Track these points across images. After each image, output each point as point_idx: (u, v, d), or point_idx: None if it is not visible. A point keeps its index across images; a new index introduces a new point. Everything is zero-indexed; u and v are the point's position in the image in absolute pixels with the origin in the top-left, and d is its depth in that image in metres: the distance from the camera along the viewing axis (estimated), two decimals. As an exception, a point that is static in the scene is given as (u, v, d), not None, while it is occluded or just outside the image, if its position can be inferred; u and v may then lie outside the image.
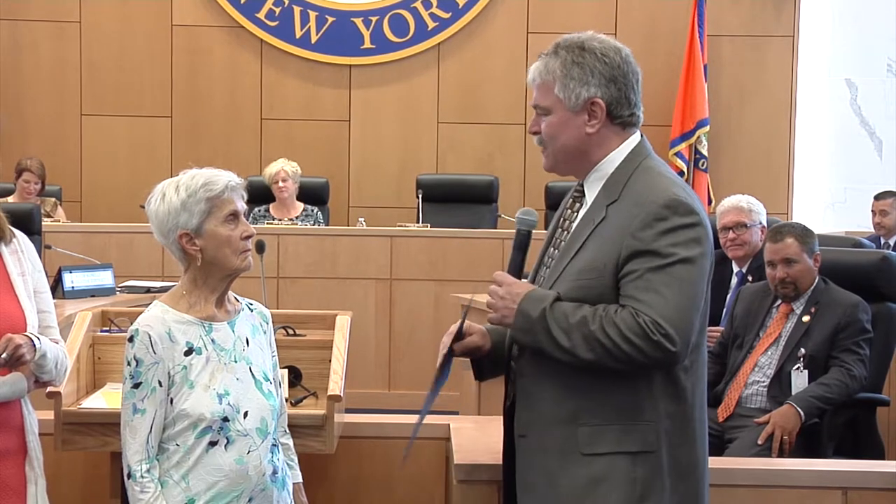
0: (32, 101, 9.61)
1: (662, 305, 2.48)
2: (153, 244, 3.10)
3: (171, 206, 2.86)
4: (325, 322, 4.01)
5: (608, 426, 2.57)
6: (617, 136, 2.69)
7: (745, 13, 9.70)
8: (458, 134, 9.71)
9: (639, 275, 2.51)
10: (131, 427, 2.79)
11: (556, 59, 2.67)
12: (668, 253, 2.51)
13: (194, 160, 3.13)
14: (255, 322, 3.01)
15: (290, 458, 3.08)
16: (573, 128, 2.67)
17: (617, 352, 2.48)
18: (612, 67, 2.65)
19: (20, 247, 3.01)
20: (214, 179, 2.86)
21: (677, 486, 2.61)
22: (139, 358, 2.79)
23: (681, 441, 2.61)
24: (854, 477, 3.40)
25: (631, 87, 2.67)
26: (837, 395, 4.42)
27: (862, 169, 9.70)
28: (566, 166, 2.74)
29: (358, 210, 9.48)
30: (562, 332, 2.53)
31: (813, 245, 4.67)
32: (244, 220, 2.90)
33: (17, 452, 2.93)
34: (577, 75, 2.64)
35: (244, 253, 2.88)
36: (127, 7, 9.64)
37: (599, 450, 2.56)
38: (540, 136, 2.72)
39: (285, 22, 9.63)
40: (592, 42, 2.67)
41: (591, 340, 2.50)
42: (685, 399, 2.62)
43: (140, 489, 2.77)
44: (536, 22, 9.58)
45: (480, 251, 7.87)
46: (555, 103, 2.67)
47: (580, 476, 2.57)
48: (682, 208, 2.55)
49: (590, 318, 2.51)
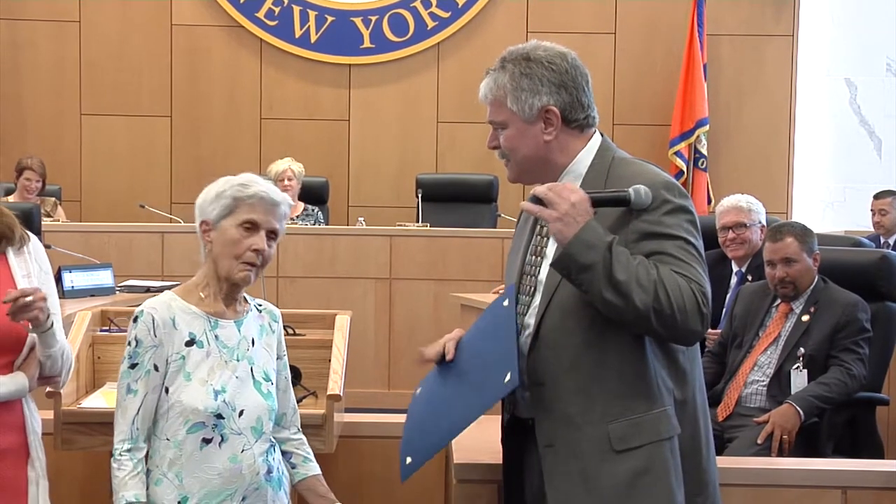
0: (32, 100, 9.61)
1: (702, 281, 2.53)
2: (152, 243, 3.11)
3: (209, 194, 2.90)
4: (325, 321, 4.01)
5: (636, 418, 2.58)
6: (576, 139, 2.72)
7: (745, 13, 9.70)
8: (457, 133, 9.71)
9: (660, 255, 2.53)
10: (122, 407, 2.82)
11: (504, 74, 2.70)
12: (678, 235, 2.56)
13: (193, 160, 3.15)
14: (264, 322, 3.01)
15: (306, 451, 3.09)
16: (530, 137, 2.70)
17: (666, 304, 2.47)
18: (560, 73, 2.68)
19: (29, 248, 3.00)
20: (251, 184, 2.88)
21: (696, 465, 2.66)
22: (139, 338, 2.81)
23: (687, 422, 2.64)
24: (853, 476, 3.41)
25: (581, 89, 2.70)
26: (837, 395, 4.42)
27: (861, 168, 9.71)
28: (530, 175, 2.77)
29: (357, 209, 9.48)
30: (621, 266, 2.47)
31: (812, 244, 4.67)
32: (262, 235, 2.87)
33: (18, 453, 2.92)
34: (528, 86, 2.67)
35: (245, 265, 2.86)
36: (126, 6, 9.64)
37: (633, 443, 2.57)
38: (500, 149, 2.75)
39: (285, 21, 9.63)
40: (537, 51, 2.70)
41: (648, 283, 2.46)
42: (687, 381, 2.66)
43: (117, 466, 2.79)
44: (536, 22, 9.58)
45: (480, 251, 7.87)
46: (509, 117, 2.70)
47: (621, 472, 2.57)
48: (677, 189, 2.61)
49: (649, 266, 2.50)
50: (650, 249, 2.54)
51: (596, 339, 2.59)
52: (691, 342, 2.62)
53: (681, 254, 2.55)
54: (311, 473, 3.05)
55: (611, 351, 2.59)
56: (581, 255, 2.49)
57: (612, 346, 2.59)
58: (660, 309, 2.47)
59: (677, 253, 2.55)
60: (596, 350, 2.59)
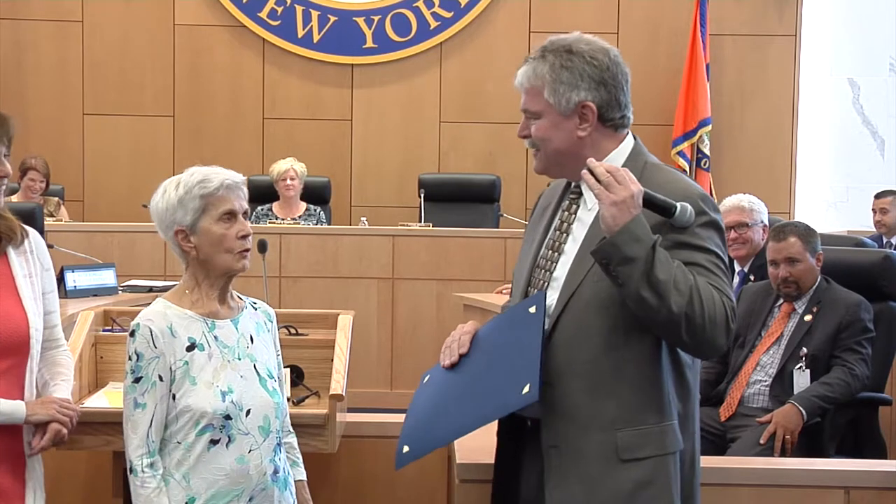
0: (34, 100, 9.61)
1: (731, 296, 2.53)
2: (155, 243, 3.11)
3: (168, 202, 2.87)
4: (327, 321, 4.01)
5: (645, 429, 2.55)
6: (609, 138, 2.67)
7: (748, 12, 9.70)
8: (460, 133, 9.72)
9: (694, 266, 2.51)
10: (132, 422, 2.79)
11: (543, 64, 2.64)
12: (711, 250, 2.56)
13: (196, 159, 3.13)
14: (260, 320, 3.00)
15: (295, 455, 3.07)
16: (564, 131, 2.64)
17: (699, 312, 2.45)
18: (601, 70, 2.63)
19: (30, 246, 2.98)
20: (210, 177, 2.85)
21: (687, 481, 2.64)
22: (140, 352, 2.79)
23: (686, 438, 2.62)
24: (856, 476, 3.41)
25: (621, 88, 2.66)
26: (839, 395, 4.41)
27: (864, 168, 9.71)
28: (558, 169, 2.72)
29: (360, 209, 9.48)
30: (662, 266, 2.44)
31: (815, 244, 4.66)
32: (242, 220, 2.87)
33: (15, 458, 2.88)
34: (567, 79, 2.61)
35: (240, 253, 2.86)
36: (129, 6, 9.65)
37: (640, 454, 2.54)
38: (531, 139, 2.70)
39: (287, 21, 9.63)
40: (580, 44, 2.65)
41: (685, 288, 2.44)
42: (690, 397, 2.64)
43: (141, 483, 2.77)
44: (538, 21, 9.58)
45: (482, 251, 7.87)
46: (545, 108, 2.65)
47: (624, 482, 2.54)
48: (710, 203, 2.61)
49: (687, 272, 2.48)
50: (683, 259, 2.51)
51: (616, 343, 2.55)
52: (712, 354, 2.60)
53: (712, 267, 2.54)
54: (296, 479, 3.03)
55: (629, 357, 2.55)
56: (627, 246, 2.43)
57: (630, 353, 2.55)
58: (692, 315, 2.45)
59: (709, 266, 2.53)
60: (614, 354, 2.55)
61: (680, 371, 2.62)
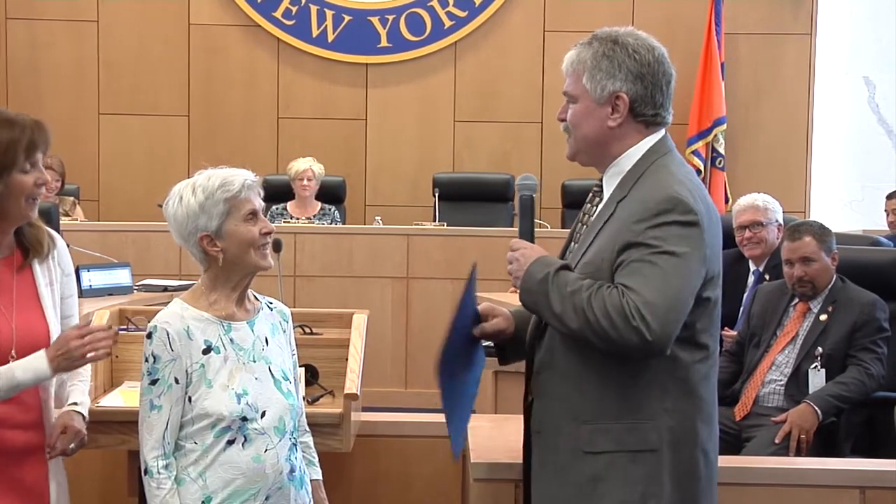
0: (50, 100, 9.64)
1: (647, 293, 2.46)
2: (170, 243, 3.11)
3: (189, 209, 2.86)
4: (342, 321, 4.02)
5: (608, 425, 2.58)
6: (638, 133, 2.71)
7: (763, 11, 9.67)
8: (474, 132, 9.71)
9: (627, 264, 2.52)
10: (148, 423, 2.80)
11: (588, 50, 2.69)
12: (655, 245, 2.50)
13: (211, 159, 3.14)
14: (275, 321, 3.01)
15: (311, 455, 3.08)
16: (596, 119, 2.68)
17: (597, 326, 2.47)
18: (642, 65, 2.68)
19: (53, 252, 3.01)
20: (231, 179, 2.86)
21: (679, 485, 2.60)
22: (157, 354, 2.80)
23: (684, 440, 2.60)
24: (872, 476, 3.40)
25: (659, 87, 2.71)
26: (855, 394, 4.41)
27: (880, 167, 9.67)
28: (586, 156, 2.75)
29: (374, 209, 9.48)
30: (557, 297, 2.54)
31: (830, 243, 4.65)
32: (263, 217, 2.90)
33: (37, 452, 2.92)
34: (606, 68, 2.66)
35: (263, 248, 2.88)
36: (144, 6, 9.67)
37: (599, 448, 2.58)
38: (566, 122, 2.74)
39: (302, 21, 9.64)
40: (627, 37, 2.70)
41: (578, 309, 2.50)
42: (691, 397, 2.61)
43: (156, 485, 2.78)
44: (553, 20, 9.57)
45: (497, 250, 7.77)
46: (582, 93, 2.69)
47: (583, 474, 2.59)
48: (680, 207, 2.54)
49: (584, 288, 2.51)
50: (621, 259, 2.53)
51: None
52: (636, 355, 2.51)
53: (640, 266, 2.50)
54: (311, 478, 3.05)
55: (600, 356, 2.55)
56: (527, 298, 2.64)
57: (602, 351, 2.55)
58: (592, 330, 2.47)
59: (637, 265, 2.50)
60: (586, 350, 2.56)
61: (679, 371, 2.59)
